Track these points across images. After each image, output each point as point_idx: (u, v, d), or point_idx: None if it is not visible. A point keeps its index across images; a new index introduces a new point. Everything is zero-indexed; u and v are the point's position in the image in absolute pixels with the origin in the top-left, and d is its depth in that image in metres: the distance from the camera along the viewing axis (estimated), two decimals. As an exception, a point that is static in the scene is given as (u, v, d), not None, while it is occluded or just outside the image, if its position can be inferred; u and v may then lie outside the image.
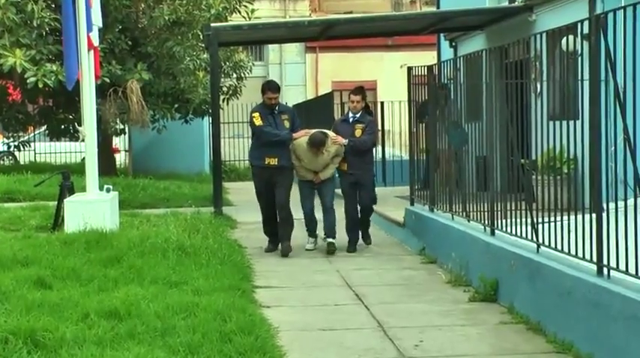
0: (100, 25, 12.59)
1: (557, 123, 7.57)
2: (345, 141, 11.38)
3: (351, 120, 11.58)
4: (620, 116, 6.39)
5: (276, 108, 11.47)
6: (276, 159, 11.30)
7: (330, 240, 11.56)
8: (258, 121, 11.32)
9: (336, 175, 11.89)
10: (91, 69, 12.04)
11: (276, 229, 11.57)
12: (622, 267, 6.27)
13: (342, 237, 11.75)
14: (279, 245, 11.45)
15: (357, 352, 6.82)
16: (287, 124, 11.45)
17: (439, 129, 11.35)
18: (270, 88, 11.51)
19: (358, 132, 11.47)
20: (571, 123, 7.32)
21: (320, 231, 11.92)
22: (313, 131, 11.48)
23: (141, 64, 18.81)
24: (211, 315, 7.20)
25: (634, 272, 6.08)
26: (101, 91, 17.27)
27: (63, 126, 21.55)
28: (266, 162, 11.32)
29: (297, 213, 11.78)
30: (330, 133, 11.49)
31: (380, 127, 19.94)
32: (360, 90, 11.69)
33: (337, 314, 8.20)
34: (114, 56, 18.75)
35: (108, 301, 7.53)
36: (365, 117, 11.65)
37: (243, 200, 17.66)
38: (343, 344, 7.05)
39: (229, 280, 8.83)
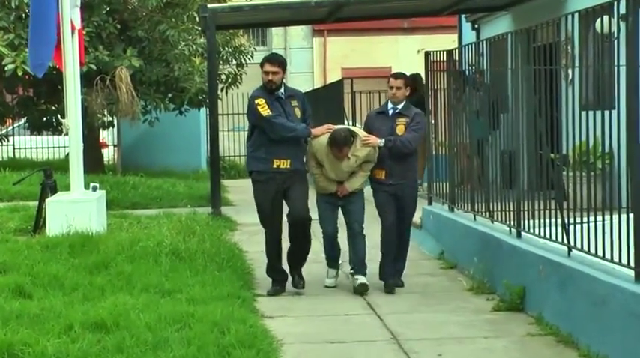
0: (78, 5, 12.45)
1: (591, 113, 7.55)
2: (380, 141, 9.49)
3: (390, 112, 9.69)
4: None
5: (282, 91, 9.51)
6: (289, 162, 9.37)
7: (359, 278, 9.60)
8: (265, 110, 9.28)
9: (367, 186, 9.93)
10: (75, 54, 12.04)
11: (281, 252, 9.71)
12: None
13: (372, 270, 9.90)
14: (292, 279, 9.69)
15: (369, 367, 6.82)
16: (298, 114, 9.57)
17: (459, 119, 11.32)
18: (270, 59, 9.49)
19: (400, 129, 9.57)
20: (606, 113, 7.29)
21: (343, 259, 10.09)
22: (338, 126, 9.77)
23: (131, 50, 18.80)
24: (208, 327, 7.22)
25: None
26: (87, 80, 17.27)
27: (45, 119, 21.54)
28: (275, 166, 9.36)
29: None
30: (361, 132, 9.67)
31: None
32: (401, 73, 9.99)
33: (347, 324, 8.20)
34: (101, 41, 18.75)
35: (94, 311, 7.54)
36: (410, 108, 9.72)
37: (243, 199, 17.60)
38: (354, 359, 7.05)
39: (228, 288, 8.85)
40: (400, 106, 9.68)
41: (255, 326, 7.54)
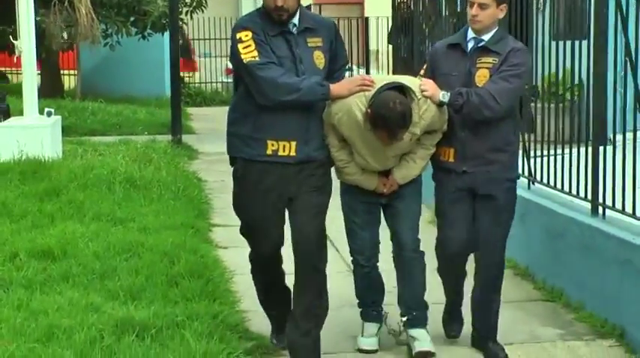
0: None
1: (562, 43, 7.61)
2: (441, 94, 5.73)
3: (470, 45, 5.92)
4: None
5: (295, 21, 5.61)
6: (294, 146, 5.58)
7: (418, 338, 5.95)
8: (248, 52, 5.49)
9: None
10: (28, -29, 12.02)
11: (286, 297, 6.00)
12: (618, 205, 6.42)
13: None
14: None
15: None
16: (320, 61, 5.66)
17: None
18: None
19: (482, 77, 5.82)
20: (577, 42, 7.34)
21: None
22: (380, 79, 5.79)
23: (90, -31, 18.66)
24: (158, 256, 7.36)
25: (631, 212, 6.23)
26: (44, 1, 17.19)
27: (-2, 40, 21.43)
28: (269, 151, 5.58)
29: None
30: (413, 83, 5.74)
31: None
32: None
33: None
34: (58, -42, 18.59)
35: (41, 239, 7.66)
36: (504, 41, 5.89)
37: (207, 127, 17.76)
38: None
39: (182, 217, 8.97)
40: (487, 37, 5.87)
41: (207, 256, 7.67)
